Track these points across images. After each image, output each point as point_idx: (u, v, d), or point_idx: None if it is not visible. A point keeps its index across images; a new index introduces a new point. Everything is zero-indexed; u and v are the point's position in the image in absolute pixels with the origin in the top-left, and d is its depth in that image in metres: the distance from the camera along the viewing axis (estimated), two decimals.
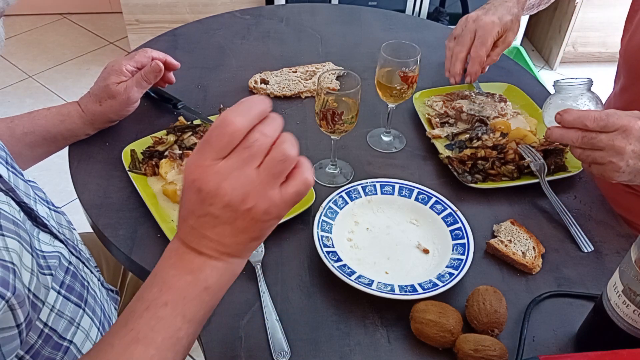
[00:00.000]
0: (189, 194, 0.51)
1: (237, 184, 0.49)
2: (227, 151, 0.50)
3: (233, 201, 0.50)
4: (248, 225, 0.51)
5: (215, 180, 0.49)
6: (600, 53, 2.78)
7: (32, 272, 0.57)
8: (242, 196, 0.50)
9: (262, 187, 0.50)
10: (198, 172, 0.50)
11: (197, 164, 0.50)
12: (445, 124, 1.02)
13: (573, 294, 0.76)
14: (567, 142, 0.81)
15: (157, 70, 0.93)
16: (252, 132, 0.50)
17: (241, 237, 0.52)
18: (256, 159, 0.50)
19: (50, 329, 0.62)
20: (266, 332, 0.71)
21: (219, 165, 0.49)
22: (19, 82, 2.61)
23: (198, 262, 0.52)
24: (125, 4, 2.44)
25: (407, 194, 0.87)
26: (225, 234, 0.52)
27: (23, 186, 0.69)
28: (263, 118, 0.51)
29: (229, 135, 0.49)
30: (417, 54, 0.90)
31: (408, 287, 0.74)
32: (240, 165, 0.49)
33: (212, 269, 0.53)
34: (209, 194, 0.50)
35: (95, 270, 0.81)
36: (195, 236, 0.52)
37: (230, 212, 0.50)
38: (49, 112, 0.91)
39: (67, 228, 0.78)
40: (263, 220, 0.52)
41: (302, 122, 1.04)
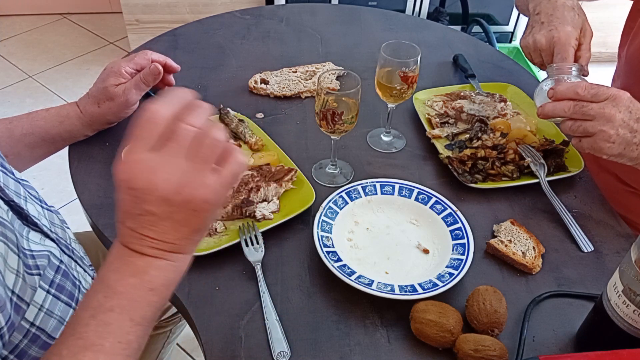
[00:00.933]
0: (123, 194, 0.50)
1: (169, 176, 0.48)
2: (153, 142, 0.49)
3: (168, 194, 0.48)
4: (188, 217, 0.50)
5: (147, 175, 0.48)
6: (600, 53, 2.78)
7: (18, 273, 0.57)
8: (177, 188, 0.49)
9: (196, 175, 0.49)
10: (128, 169, 0.49)
11: (126, 160, 0.49)
12: (445, 124, 1.02)
13: (573, 294, 0.76)
14: (559, 114, 0.82)
15: (156, 73, 0.93)
16: (177, 122, 0.49)
17: (183, 231, 0.51)
18: (185, 148, 0.49)
19: (37, 329, 0.62)
20: (266, 332, 0.71)
21: (148, 159, 0.48)
22: (19, 82, 2.61)
23: (141, 263, 0.51)
24: (125, 4, 2.44)
25: (407, 194, 0.87)
26: (166, 231, 0.50)
27: (13, 185, 0.69)
28: (188, 108, 0.50)
29: (154, 124, 0.48)
30: (417, 54, 0.90)
31: (408, 287, 0.74)
32: (170, 156, 0.48)
33: (157, 269, 0.52)
34: (143, 191, 0.48)
35: (89, 268, 0.81)
36: (135, 238, 0.51)
37: (167, 207, 0.49)
38: (47, 114, 0.91)
39: (59, 227, 0.77)
40: (203, 210, 0.50)
41: (302, 122, 1.04)
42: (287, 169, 0.89)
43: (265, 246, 0.79)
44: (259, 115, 1.05)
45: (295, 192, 0.87)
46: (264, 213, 0.83)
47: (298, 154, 0.96)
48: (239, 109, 1.03)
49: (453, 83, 1.15)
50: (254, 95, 1.11)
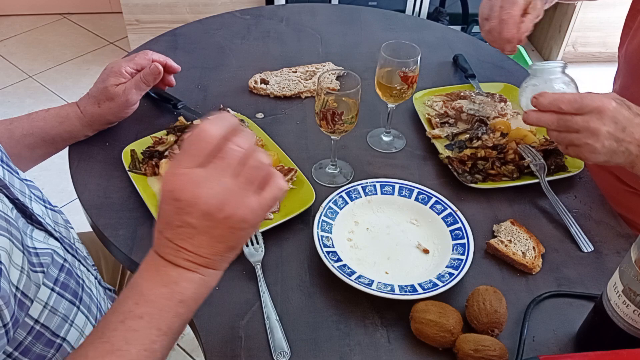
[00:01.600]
0: (166, 205, 0.51)
1: (214, 192, 0.50)
2: (202, 158, 0.51)
3: (210, 209, 0.50)
4: (225, 234, 0.52)
5: (192, 189, 0.50)
6: (600, 53, 2.78)
7: (22, 270, 0.58)
8: (219, 204, 0.50)
9: (239, 194, 0.51)
10: (175, 181, 0.51)
11: (174, 172, 0.51)
12: (445, 124, 1.02)
13: (573, 294, 0.76)
14: (543, 126, 0.82)
15: (156, 73, 0.93)
16: (227, 143, 0.51)
17: (218, 247, 0.53)
18: (231, 167, 0.51)
19: (42, 326, 0.62)
20: (266, 332, 0.71)
21: (195, 173, 0.50)
22: (19, 82, 2.61)
23: (174, 274, 0.53)
24: (125, 4, 2.44)
25: (407, 194, 0.87)
26: (203, 245, 0.52)
27: (18, 184, 0.69)
28: (236, 131, 0.53)
29: (204, 142, 0.51)
30: (417, 54, 0.90)
31: (408, 287, 0.74)
32: (216, 174, 0.51)
33: (188, 282, 0.53)
34: (187, 203, 0.50)
35: (92, 268, 0.81)
36: (171, 248, 0.53)
37: (207, 221, 0.51)
38: (47, 114, 0.91)
39: (63, 227, 0.78)
40: (240, 228, 0.52)
41: (302, 122, 1.04)
42: (287, 169, 0.89)
43: (265, 246, 0.79)
44: (259, 115, 1.05)
45: (295, 192, 0.87)
46: None
47: (298, 154, 0.96)
48: (239, 109, 1.03)
49: (453, 83, 1.15)
50: (254, 95, 1.11)
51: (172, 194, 0.51)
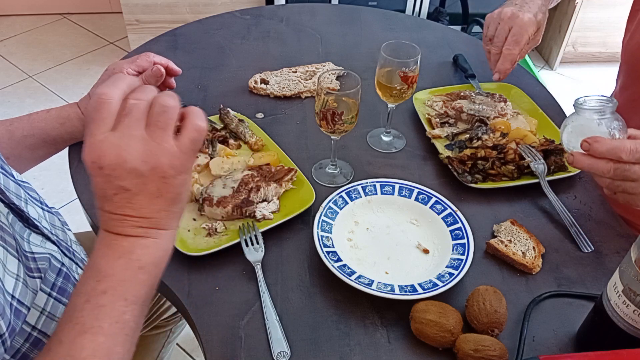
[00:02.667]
0: (95, 178, 0.51)
1: (132, 148, 0.50)
2: (109, 121, 0.51)
3: (135, 165, 0.50)
4: (160, 186, 0.52)
5: (112, 152, 0.50)
6: (600, 53, 2.78)
7: (18, 277, 0.57)
8: (142, 157, 0.51)
9: (156, 143, 0.51)
10: (93, 151, 0.51)
11: (89, 143, 0.51)
12: (445, 124, 1.02)
13: (573, 294, 0.76)
14: (597, 173, 0.77)
15: (158, 75, 0.93)
16: (126, 99, 0.52)
17: (158, 203, 0.53)
18: (139, 120, 0.51)
19: (39, 332, 0.61)
20: (266, 332, 0.71)
21: (108, 137, 0.50)
22: (19, 82, 2.61)
23: (126, 245, 0.53)
24: (125, 4, 2.44)
25: (407, 194, 0.87)
26: (143, 205, 0.52)
27: (14, 187, 0.69)
28: (134, 88, 0.53)
29: (106, 105, 0.51)
30: (417, 54, 0.90)
31: (408, 287, 0.74)
32: (127, 131, 0.51)
33: (142, 248, 0.53)
34: (111, 168, 0.50)
35: None
36: (116, 220, 0.52)
37: (137, 179, 0.51)
38: (48, 115, 0.91)
39: (60, 229, 0.77)
40: (171, 176, 0.52)
41: (302, 122, 1.04)
42: (287, 169, 0.89)
43: (265, 246, 0.79)
44: (259, 115, 1.05)
45: (295, 192, 0.87)
46: (264, 213, 0.83)
47: (298, 154, 0.96)
48: (239, 109, 1.03)
49: (453, 83, 1.15)
50: (254, 95, 1.11)
51: (95, 163, 0.50)
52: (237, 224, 0.82)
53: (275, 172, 0.88)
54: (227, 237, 0.80)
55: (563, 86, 2.70)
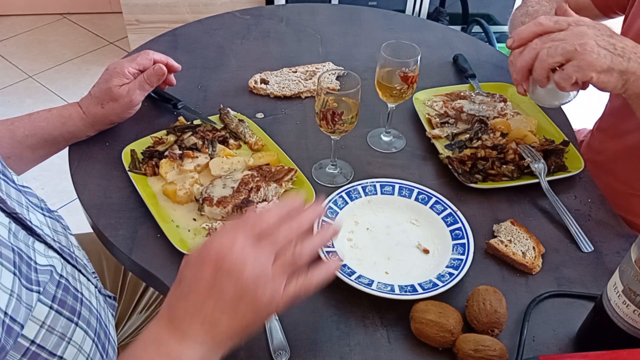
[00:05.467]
0: (202, 268, 0.53)
1: (256, 267, 0.53)
2: (256, 233, 0.55)
3: (248, 281, 0.53)
4: (247, 313, 0.54)
5: (241, 258, 0.53)
6: None
7: (12, 293, 0.55)
8: (257, 279, 0.53)
9: (274, 278, 0.54)
10: (226, 248, 0.54)
11: (227, 242, 0.54)
12: (445, 124, 1.02)
13: (573, 294, 0.76)
14: (530, 55, 0.77)
15: (160, 74, 0.93)
16: (280, 227, 0.56)
17: (235, 324, 0.54)
18: (279, 249, 0.55)
19: (38, 347, 0.59)
20: (266, 332, 0.71)
21: (246, 249, 0.54)
22: (19, 82, 2.61)
23: (176, 351, 0.53)
24: (125, 4, 2.44)
25: (407, 194, 0.87)
26: (223, 316, 0.53)
27: (15, 194, 0.67)
28: (294, 214, 0.58)
29: (259, 220, 0.56)
30: (417, 54, 0.90)
31: (408, 287, 0.74)
32: (264, 252, 0.54)
33: (188, 357, 0.53)
34: (230, 268, 0.53)
35: (92, 276, 0.78)
36: (188, 317, 0.53)
37: (239, 292, 0.53)
38: (49, 114, 0.91)
39: (62, 234, 0.75)
40: (262, 312, 0.54)
41: (302, 122, 1.04)
42: (287, 169, 0.89)
43: None
44: (259, 115, 1.05)
45: (295, 192, 0.87)
46: None
47: (298, 154, 0.96)
48: (239, 109, 1.03)
49: (453, 83, 1.15)
50: (254, 95, 1.11)
51: (217, 258, 0.53)
52: None
53: (275, 172, 0.88)
54: None
55: None
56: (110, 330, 0.77)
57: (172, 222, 0.82)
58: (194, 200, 0.85)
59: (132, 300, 1.02)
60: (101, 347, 0.72)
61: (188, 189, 0.86)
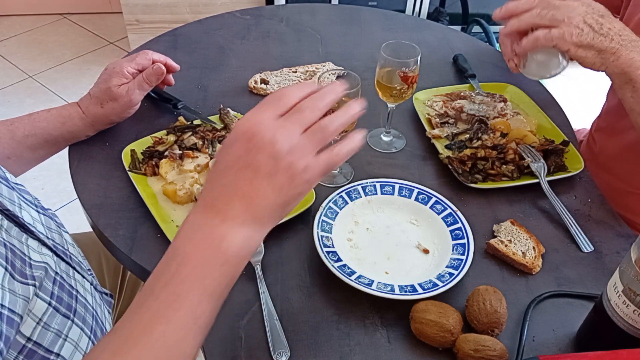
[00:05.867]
0: (234, 145, 0.53)
1: (287, 137, 0.53)
2: (283, 110, 0.55)
3: (279, 153, 0.52)
4: (285, 183, 0.53)
5: (271, 130, 0.53)
6: None
7: (3, 287, 0.55)
8: (289, 148, 0.53)
9: (306, 146, 0.54)
10: (254, 123, 0.53)
11: (255, 118, 0.54)
12: (445, 124, 1.02)
13: (573, 294, 0.76)
14: (525, 23, 0.83)
15: (159, 73, 0.93)
16: (307, 101, 0.56)
17: (274, 198, 0.53)
18: (306, 122, 0.55)
19: (34, 344, 0.59)
20: (266, 332, 0.71)
21: (272, 121, 0.54)
22: (19, 82, 2.61)
23: (219, 232, 0.52)
24: (125, 4, 2.44)
25: (407, 194, 0.87)
26: (260, 190, 0.53)
27: (7, 192, 0.67)
28: (321, 93, 0.57)
29: (285, 96, 0.55)
30: (417, 54, 0.90)
31: (408, 287, 0.74)
32: (291, 125, 0.54)
33: (232, 241, 0.52)
34: (262, 141, 0.52)
35: (87, 273, 0.78)
36: (226, 195, 0.53)
37: (273, 163, 0.52)
38: (49, 114, 0.91)
39: (56, 232, 0.75)
40: (299, 181, 0.54)
41: None
42: None
43: (265, 246, 0.79)
44: None
45: None
46: None
47: None
48: (239, 109, 1.03)
49: (453, 83, 1.15)
50: (254, 95, 1.11)
51: (246, 133, 0.53)
52: None
53: None
54: None
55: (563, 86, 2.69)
56: (107, 327, 0.77)
57: (172, 222, 0.82)
58: (194, 200, 0.85)
59: (132, 299, 1.02)
60: None
61: (188, 189, 0.86)
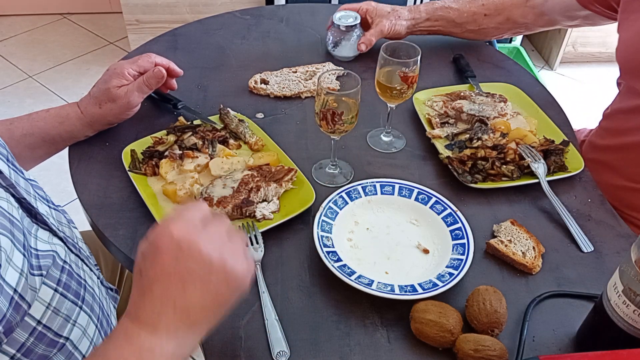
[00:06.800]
0: (161, 257, 0.52)
1: (214, 241, 0.54)
2: (196, 220, 0.55)
3: (211, 253, 0.52)
4: (219, 285, 0.53)
5: (196, 236, 0.53)
6: (600, 53, 2.78)
7: (22, 272, 0.57)
8: (219, 250, 0.53)
9: (234, 250, 0.55)
10: (181, 228, 0.53)
11: (179, 220, 0.53)
12: (445, 124, 1.02)
13: (573, 294, 0.76)
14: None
15: (159, 77, 0.93)
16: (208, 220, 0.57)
17: (209, 300, 0.53)
18: (227, 225, 0.57)
19: (44, 327, 0.62)
20: (266, 332, 0.71)
21: (198, 226, 0.54)
22: (19, 82, 2.61)
23: (147, 345, 0.51)
24: (125, 4, 2.44)
25: (407, 194, 0.87)
26: (195, 297, 0.52)
27: (23, 184, 0.70)
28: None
29: (193, 210, 0.55)
30: (417, 54, 0.90)
31: (408, 287, 0.74)
32: (215, 226, 0.55)
33: (162, 351, 0.51)
34: (189, 247, 0.52)
35: (95, 268, 0.81)
36: (156, 307, 0.52)
37: (206, 266, 0.52)
38: (48, 114, 0.91)
39: (67, 226, 0.78)
40: (233, 280, 0.54)
41: (302, 122, 1.04)
42: (287, 169, 0.89)
43: (265, 246, 0.79)
44: (259, 115, 1.05)
45: (295, 192, 0.87)
46: (264, 213, 0.83)
47: (298, 154, 0.96)
48: (239, 109, 1.03)
49: (453, 83, 1.15)
50: (254, 95, 1.11)
51: (175, 239, 0.52)
52: (237, 224, 0.82)
53: (275, 172, 0.88)
54: None
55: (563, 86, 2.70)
56: (112, 320, 0.79)
57: None
58: (194, 200, 0.85)
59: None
60: (104, 334, 0.73)
61: (188, 189, 0.86)
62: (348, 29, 1.16)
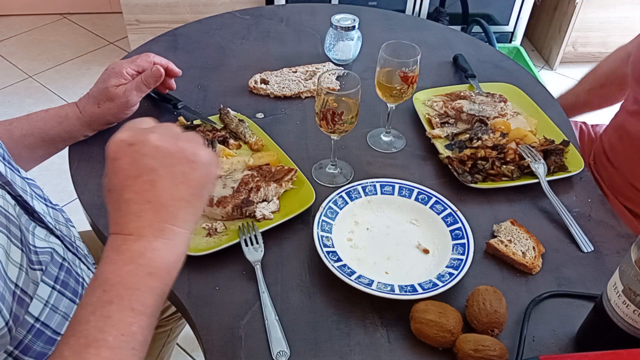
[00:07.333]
0: (118, 163, 0.52)
1: (166, 134, 0.54)
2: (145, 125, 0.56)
3: (165, 144, 0.53)
4: (186, 171, 0.53)
5: (145, 134, 0.53)
6: (600, 53, 2.78)
7: (21, 267, 0.58)
8: (174, 138, 0.54)
9: (189, 136, 0.56)
10: (127, 131, 0.54)
11: (124, 133, 0.54)
12: (445, 124, 1.02)
13: (573, 294, 0.76)
14: None
15: (157, 76, 0.93)
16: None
17: (182, 190, 0.53)
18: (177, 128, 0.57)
19: (42, 324, 0.62)
20: (266, 332, 0.71)
21: (144, 127, 0.55)
22: (19, 82, 2.61)
23: (137, 247, 0.51)
24: (125, 4, 2.44)
25: (407, 194, 0.87)
26: (165, 189, 0.52)
27: (20, 182, 0.70)
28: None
29: (144, 122, 0.57)
30: (417, 54, 0.90)
31: (408, 287, 0.74)
32: (164, 129, 0.55)
33: (153, 251, 0.52)
34: (142, 144, 0.52)
35: (93, 267, 0.81)
36: (132, 212, 0.52)
37: (166, 158, 0.52)
38: (46, 114, 0.91)
39: (64, 225, 0.78)
40: (199, 162, 0.54)
41: (302, 122, 1.04)
42: (287, 169, 0.89)
43: (265, 246, 0.79)
44: (259, 115, 1.05)
45: (295, 192, 0.87)
46: (264, 213, 0.83)
47: (298, 154, 0.96)
48: (239, 109, 1.03)
49: (453, 83, 1.15)
50: (254, 95, 1.11)
51: (125, 142, 0.52)
52: (237, 223, 0.82)
53: (275, 172, 0.88)
54: (227, 237, 0.80)
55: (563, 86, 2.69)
56: None
57: None
58: None
59: None
60: None
61: None
62: (346, 30, 1.16)
